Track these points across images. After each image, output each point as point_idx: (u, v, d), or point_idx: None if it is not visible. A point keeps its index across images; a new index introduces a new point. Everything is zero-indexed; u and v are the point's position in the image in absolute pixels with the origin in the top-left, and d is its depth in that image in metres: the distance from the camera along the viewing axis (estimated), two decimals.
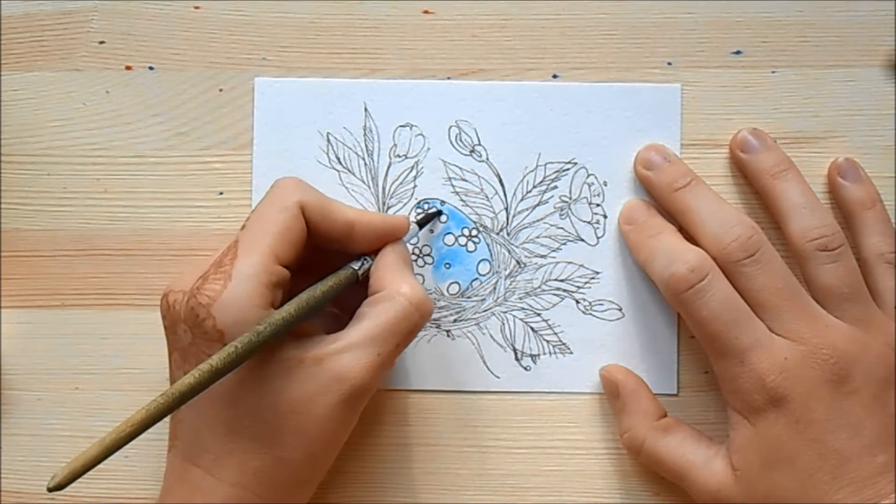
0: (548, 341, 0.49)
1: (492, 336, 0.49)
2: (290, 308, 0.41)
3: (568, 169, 0.49)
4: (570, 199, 0.49)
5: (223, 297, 0.41)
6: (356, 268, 0.44)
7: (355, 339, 0.42)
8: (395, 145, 0.49)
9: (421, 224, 0.48)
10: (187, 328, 0.42)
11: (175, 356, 0.43)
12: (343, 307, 0.46)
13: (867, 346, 0.44)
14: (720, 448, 0.46)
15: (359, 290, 0.45)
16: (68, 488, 0.36)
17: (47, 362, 0.49)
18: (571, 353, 0.49)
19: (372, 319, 0.43)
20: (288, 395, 0.41)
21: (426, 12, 0.50)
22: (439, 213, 0.49)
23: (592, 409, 0.49)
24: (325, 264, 0.45)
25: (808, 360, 0.44)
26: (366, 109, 0.50)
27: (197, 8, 0.50)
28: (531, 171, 0.49)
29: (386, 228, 0.45)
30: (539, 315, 0.49)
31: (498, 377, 0.49)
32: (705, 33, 0.49)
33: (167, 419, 0.43)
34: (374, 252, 0.45)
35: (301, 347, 0.42)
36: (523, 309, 0.49)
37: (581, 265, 0.49)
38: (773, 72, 0.49)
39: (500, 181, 0.49)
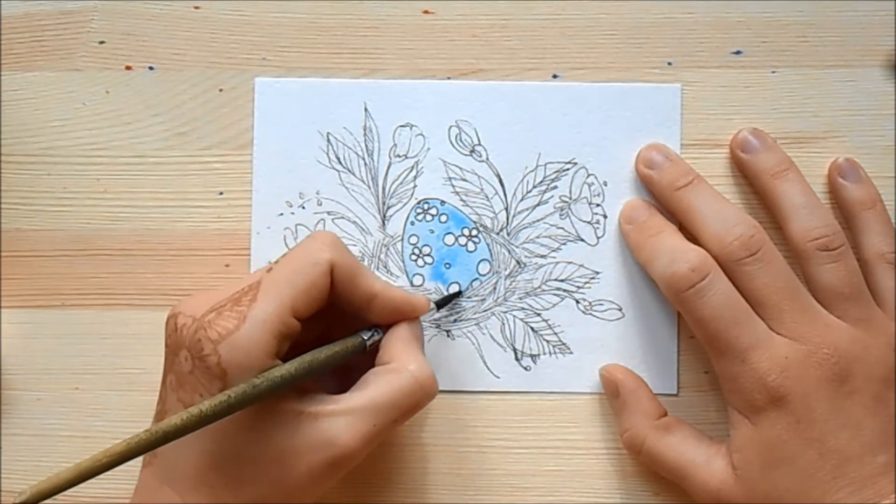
0: (548, 341, 0.49)
1: (492, 336, 0.49)
2: (291, 367, 0.41)
3: (568, 169, 0.49)
4: (570, 199, 0.49)
5: (233, 337, 0.40)
6: (365, 338, 0.44)
7: (355, 404, 0.42)
8: (395, 145, 0.49)
9: (440, 305, 0.48)
10: (189, 356, 0.41)
11: (171, 378, 0.42)
12: (345, 371, 0.46)
13: (868, 346, 0.44)
14: (720, 447, 0.45)
15: (363, 356, 0.44)
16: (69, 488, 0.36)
17: (47, 362, 0.49)
18: (571, 353, 0.49)
19: (375, 389, 0.42)
20: (276, 445, 0.41)
21: (426, 12, 0.50)
22: (459, 293, 0.49)
23: (592, 409, 0.49)
24: (336, 318, 0.45)
25: (809, 360, 0.44)
26: (366, 109, 0.50)
27: (197, 8, 0.50)
28: (531, 171, 0.49)
29: (406, 306, 0.45)
30: (539, 315, 0.49)
31: (498, 377, 0.49)
32: (705, 33, 0.49)
33: None
34: (386, 325, 0.45)
35: (300, 401, 0.41)
36: (523, 309, 0.49)
37: (581, 265, 0.49)
38: (773, 72, 0.49)
39: (500, 181, 0.49)
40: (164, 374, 0.43)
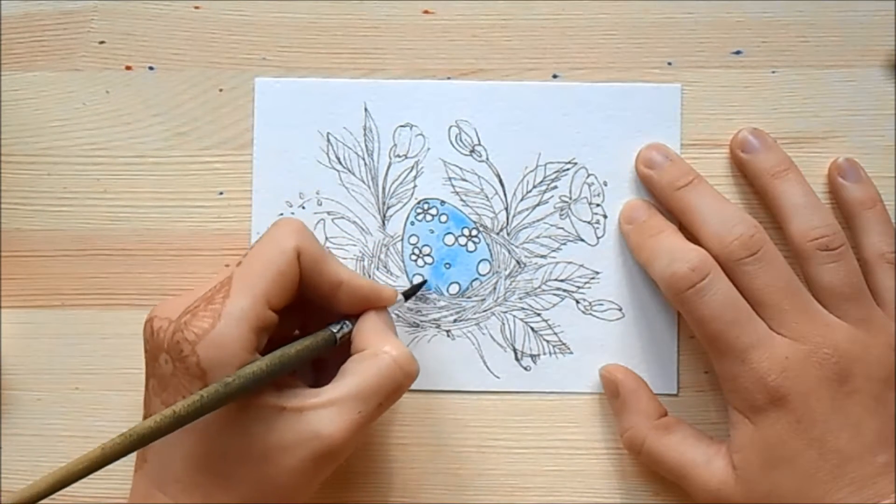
0: (548, 341, 0.49)
1: (492, 336, 0.49)
2: (263, 364, 0.40)
3: (568, 169, 0.49)
4: (570, 199, 0.49)
5: (210, 336, 0.40)
6: (335, 330, 0.44)
7: (338, 394, 0.41)
8: (395, 145, 0.49)
9: (407, 296, 0.48)
10: (169, 359, 0.41)
11: (153, 382, 0.42)
12: (320, 366, 0.46)
13: (868, 346, 0.44)
14: (721, 447, 0.45)
15: (337, 350, 0.44)
16: (69, 488, 0.36)
17: (47, 362, 0.49)
18: (571, 352, 0.49)
19: (356, 376, 0.42)
20: (263, 442, 0.41)
21: (426, 12, 0.50)
22: (424, 282, 0.49)
23: (592, 409, 0.49)
24: (312, 313, 0.45)
25: (810, 360, 0.44)
26: (366, 109, 0.50)
27: (197, 8, 0.50)
28: (531, 171, 0.49)
29: (372, 295, 0.45)
30: (539, 315, 0.49)
31: (498, 377, 0.49)
32: (705, 33, 0.49)
33: None
34: (354, 316, 0.45)
35: (282, 397, 0.41)
36: (523, 309, 0.49)
37: (581, 265, 0.49)
38: (773, 72, 0.49)
39: (500, 181, 0.49)
40: (146, 379, 0.43)
